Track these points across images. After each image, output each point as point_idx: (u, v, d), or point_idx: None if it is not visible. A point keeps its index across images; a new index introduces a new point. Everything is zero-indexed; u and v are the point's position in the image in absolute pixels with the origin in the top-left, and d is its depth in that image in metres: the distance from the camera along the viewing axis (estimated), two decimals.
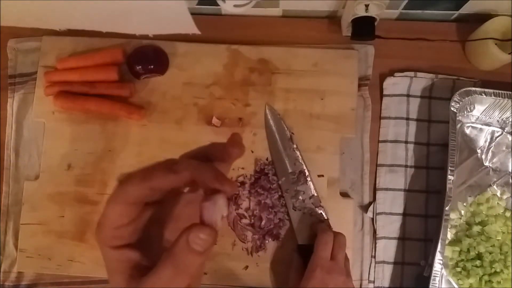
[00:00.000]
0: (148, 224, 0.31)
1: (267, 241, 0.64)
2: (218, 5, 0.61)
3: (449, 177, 0.60)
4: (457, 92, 0.62)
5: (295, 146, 0.65)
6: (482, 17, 0.66)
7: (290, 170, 0.64)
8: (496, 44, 0.63)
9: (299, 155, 0.64)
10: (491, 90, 0.63)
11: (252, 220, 0.64)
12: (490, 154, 0.66)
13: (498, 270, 0.60)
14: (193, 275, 0.28)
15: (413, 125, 0.67)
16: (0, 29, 0.69)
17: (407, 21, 0.71)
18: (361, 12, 0.61)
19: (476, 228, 0.63)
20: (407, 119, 0.67)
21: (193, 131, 0.66)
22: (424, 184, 0.66)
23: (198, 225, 0.27)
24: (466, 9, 0.68)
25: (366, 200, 0.66)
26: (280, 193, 0.64)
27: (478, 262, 0.61)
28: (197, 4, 0.69)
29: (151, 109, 0.67)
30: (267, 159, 0.65)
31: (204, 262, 0.29)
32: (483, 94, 0.63)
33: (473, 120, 0.67)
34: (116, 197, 0.29)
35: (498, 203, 0.65)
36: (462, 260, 0.62)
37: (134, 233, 0.30)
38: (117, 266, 0.30)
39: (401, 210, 0.65)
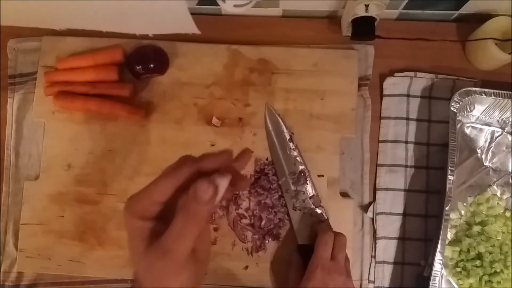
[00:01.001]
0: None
1: (267, 241, 0.64)
2: (218, 5, 0.61)
3: (449, 177, 0.60)
4: (457, 92, 0.62)
5: (295, 146, 0.65)
6: (482, 17, 0.66)
7: (290, 170, 0.64)
8: (496, 44, 0.63)
9: (299, 155, 0.64)
10: (491, 90, 0.63)
11: (252, 220, 0.64)
12: (490, 154, 0.66)
13: (498, 270, 0.60)
14: (202, 225, 0.33)
15: (413, 125, 0.67)
16: (0, 29, 0.69)
17: (407, 21, 0.71)
18: (361, 12, 0.61)
19: (476, 228, 0.63)
20: (407, 119, 0.67)
21: (193, 131, 0.66)
22: (424, 184, 0.66)
23: (202, 178, 0.33)
24: (466, 9, 0.68)
25: (366, 200, 0.66)
26: (280, 193, 0.64)
27: (478, 262, 0.61)
28: (197, 4, 0.69)
29: (151, 109, 0.67)
30: (267, 159, 0.65)
31: (209, 242, 0.37)
32: (483, 94, 0.63)
33: (473, 120, 0.67)
34: (170, 175, 0.34)
35: (498, 203, 0.65)
36: (462, 260, 0.62)
37: (161, 208, 0.35)
38: (139, 233, 0.35)
39: (401, 210, 0.65)
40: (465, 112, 0.66)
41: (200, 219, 0.33)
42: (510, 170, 0.66)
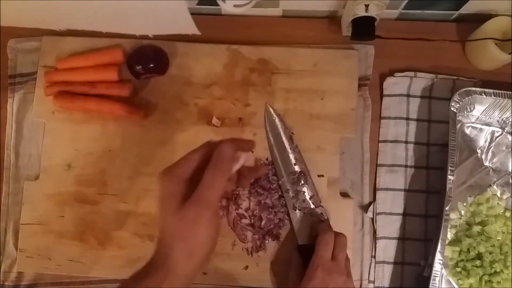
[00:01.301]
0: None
1: (267, 241, 0.64)
2: (218, 5, 0.61)
3: (449, 177, 0.60)
4: (457, 92, 0.62)
5: (295, 146, 0.65)
6: (482, 17, 0.66)
7: (290, 170, 0.64)
8: (496, 44, 0.64)
9: (299, 155, 0.64)
10: (491, 90, 0.63)
11: (252, 220, 0.64)
12: (490, 154, 0.66)
13: (498, 270, 0.60)
14: (226, 179, 0.42)
15: (413, 125, 0.67)
16: (0, 29, 0.69)
17: (407, 21, 0.71)
18: (361, 12, 0.61)
19: (476, 228, 0.63)
20: (407, 119, 0.67)
21: (193, 131, 0.66)
22: (424, 184, 0.66)
23: (224, 140, 0.43)
24: (466, 9, 0.68)
25: (366, 200, 0.66)
26: (280, 193, 0.64)
27: (478, 262, 0.61)
28: (197, 4, 0.69)
29: (151, 109, 0.67)
30: (267, 159, 0.65)
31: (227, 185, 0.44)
32: (483, 94, 0.63)
33: (473, 120, 0.67)
34: (200, 148, 0.44)
35: (498, 203, 0.65)
36: (462, 260, 0.62)
37: (191, 176, 0.43)
38: (173, 195, 0.41)
39: (401, 210, 0.65)
40: (465, 112, 0.66)
41: (225, 173, 0.42)
42: (510, 170, 0.66)
